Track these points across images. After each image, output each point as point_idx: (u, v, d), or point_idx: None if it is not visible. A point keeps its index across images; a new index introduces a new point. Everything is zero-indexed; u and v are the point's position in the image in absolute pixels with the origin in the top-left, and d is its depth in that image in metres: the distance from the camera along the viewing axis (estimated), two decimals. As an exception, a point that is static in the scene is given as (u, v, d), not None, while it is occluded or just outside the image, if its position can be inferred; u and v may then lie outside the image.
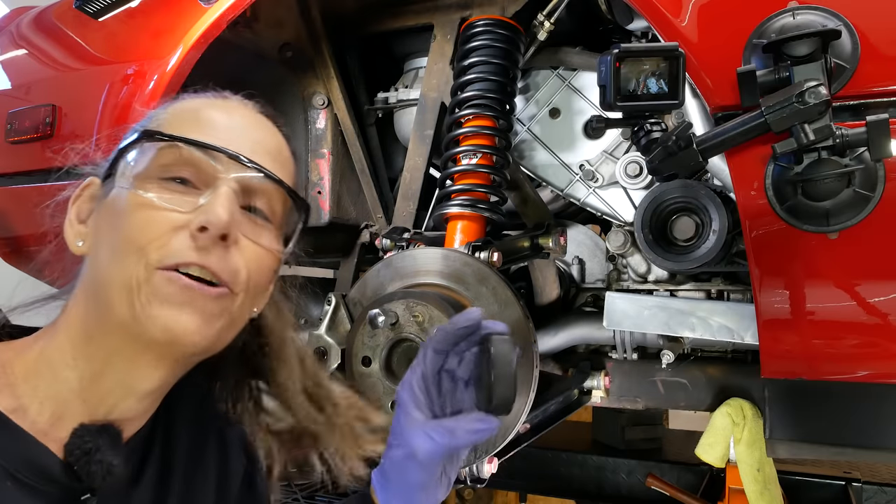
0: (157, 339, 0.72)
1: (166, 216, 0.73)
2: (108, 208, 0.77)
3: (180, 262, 0.72)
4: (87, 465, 0.71)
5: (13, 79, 1.84)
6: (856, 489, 2.20)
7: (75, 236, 0.80)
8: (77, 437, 0.72)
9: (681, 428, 3.00)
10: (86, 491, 0.73)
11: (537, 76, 1.63)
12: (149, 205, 0.73)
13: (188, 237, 0.72)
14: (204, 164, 0.76)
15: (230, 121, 0.80)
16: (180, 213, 0.73)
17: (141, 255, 0.72)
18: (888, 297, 1.13)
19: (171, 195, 0.74)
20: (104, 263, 0.75)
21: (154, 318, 0.71)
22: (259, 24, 1.58)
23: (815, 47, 1.00)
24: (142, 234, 0.72)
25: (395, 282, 1.25)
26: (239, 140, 0.78)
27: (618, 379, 1.62)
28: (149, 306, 0.71)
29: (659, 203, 1.31)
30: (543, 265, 1.64)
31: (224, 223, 0.73)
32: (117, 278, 0.72)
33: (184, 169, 0.76)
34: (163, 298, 0.72)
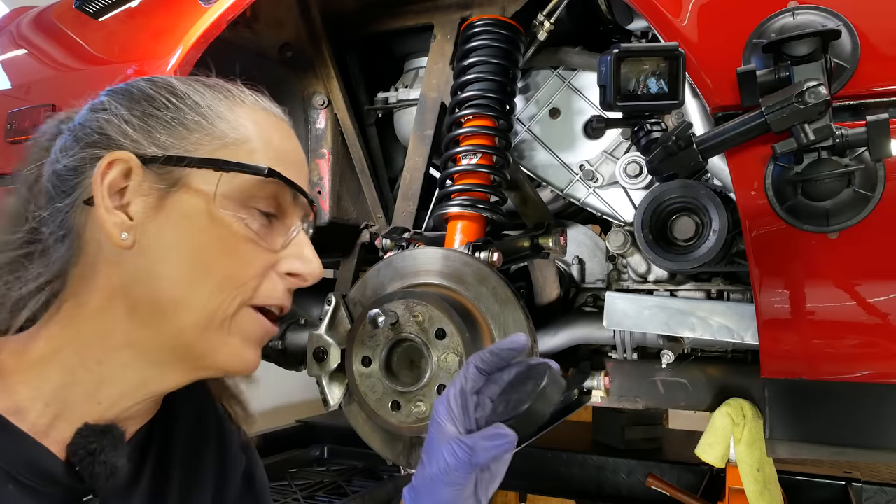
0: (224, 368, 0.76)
1: (263, 255, 0.75)
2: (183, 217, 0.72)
3: (274, 304, 0.76)
4: (91, 465, 0.70)
5: (13, 79, 1.84)
6: (856, 489, 2.20)
7: (117, 226, 0.71)
8: (81, 437, 0.71)
9: (681, 428, 3.00)
10: (88, 492, 0.72)
11: (537, 76, 1.63)
12: (250, 239, 0.74)
13: (280, 279, 0.76)
14: (288, 205, 0.78)
15: (297, 156, 0.82)
16: (271, 251, 0.76)
17: (238, 291, 0.73)
18: (888, 297, 1.13)
19: (263, 230, 0.76)
20: (175, 280, 0.71)
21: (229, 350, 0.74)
22: (259, 24, 1.58)
23: (815, 47, 1.01)
24: (243, 271, 0.74)
25: (395, 282, 1.25)
26: (303, 176, 0.82)
27: (618, 379, 1.62)
28: (229, 338, 0.74)
29: (659, 203, 1.31)
30: (543, 265, 1.64)
31: (319, 276, 0.78)
32: (204, 304, 0.72)
33: (272, 203, 0.77)
34: (245, 336, 0.75)
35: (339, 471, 2.67)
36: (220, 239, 0.72)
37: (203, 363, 0.75)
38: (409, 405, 1.12)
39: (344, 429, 2.76)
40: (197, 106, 0.75)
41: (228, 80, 0.82)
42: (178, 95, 0.76)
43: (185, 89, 0.77)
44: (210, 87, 0.79)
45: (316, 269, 0.78)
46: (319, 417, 3.14)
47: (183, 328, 0.72)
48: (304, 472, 2.66)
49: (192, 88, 0.77)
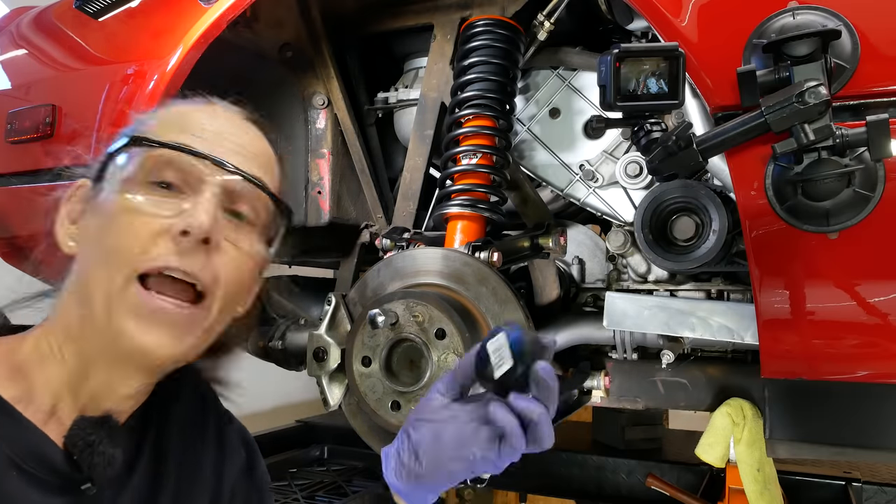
0: (129, 353, 0.75)
1: (150, 221, 0.74)
2: (95, 211, 0.79)
3: (162, 266, 0.74)
4: (90, 456, 0.73)
5: (13, 79, 1.84)
6: (856, 489, 2.20)
7: (66, 236, 0.81)
8: (79, 428, 0.74)
9: (681, 428, 3.00)
10: (85, 480, 0.75)
11: (537, 76, 1.63)
12: (133, 209, 0.75)
13: (170, 241, 0.74)
14: (188, 168, 0.77)
15: (215, 126, 0.81)
16: (164, 217, 0.75)
17: (124, 260, 0.73)
18: (888, 297, 1.13)
19: (156, 199, 0.76)
20: (89, 265, 0.76)
21: (130, 333, 0.74)
22: (259, 24, 1.58)
23: (815, 47, 1.00)
24: (126, 239, 0.74)
25: (395, 282, 1.25)
26: (223, 145, 0.80)
27: (618, 379, 1.61)
28: (126, 319, 0.73)
29: (659, 203, 1.31)
30: (543, 265, 1.64)
31: (206, 227, 0.74)
32: (99, 282, 0.74)
33: (169, 174, 0.77)
34: (137, 314, 0.74)
35: (339, 471, 2.67)
36: (108, 215, 0.76)
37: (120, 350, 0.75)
38: (409, 405, 1.12)
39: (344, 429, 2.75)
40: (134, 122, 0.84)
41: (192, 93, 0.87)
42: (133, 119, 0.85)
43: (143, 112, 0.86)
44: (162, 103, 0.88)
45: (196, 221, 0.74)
46: (319, 417, 3.14)
47: (94, 309, 0.74)
48: (304, 472, 2.66)
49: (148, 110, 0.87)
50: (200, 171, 0.78)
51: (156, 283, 0.74)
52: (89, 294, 0.75)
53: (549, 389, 0.77)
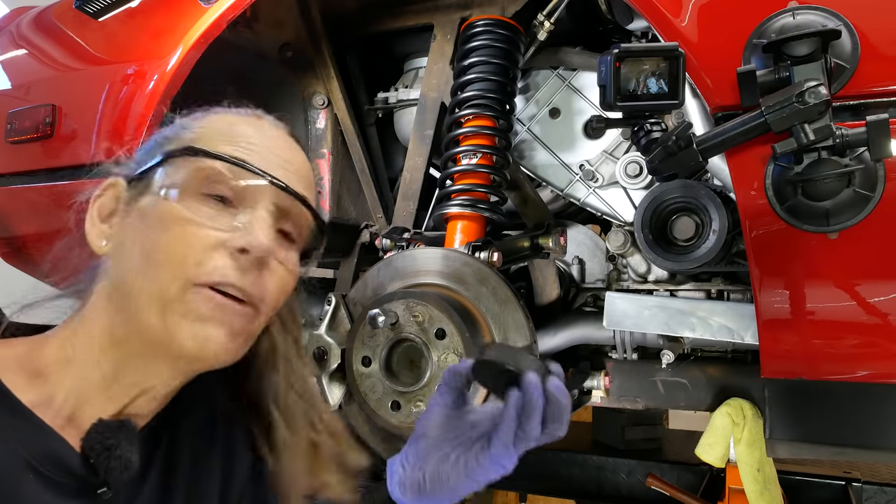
0: (187, 353, 0.75)
1: (206, 233, 0.75)
2: (140, 215, 0.78)
3: (220, 280, 0.74)
4: (107, 460, 0.73)
5: (13, 79, 1.84)
6: (856, 489, 2.20)
7: (98, 236, 0.79)
8: (97, 432, 0.74)
9: (681, 428, 2.99)
10: (102, 484, 0.75)
11: (537, 76, 1.63)
12: (189, 220, 0.75)
13: (228, 256, 0.75)
14: (243, 185, 0.78)
15: (265, 142, 0.82)
16: (220, 231, 0.75)
17: (178, 269, 0.73)
18: (888, 297, 1.13)
19: (210, 212, 0.76)
20: (133, 271, 0.75)
21: (185, 333, 0.74)
22: (259, 24, 1.58)
23: (815, 47, 1.00)
24: (180, 249, 0.74)
25: (395, 282, 1.25)
26: (276, 163, 0.81)
27: (618, 379, 1.62)
28: (182, 321, 0.73)
29: (659, 203, 1.31)
30: (543, 265, 1.64)
31: (266, 249, 0.76)
32: (149, 288, 0.74)
33: (223, 187, 0.77)
34: (196, 315, 0.74)
35: (338, 471, 2.66)
36: (162, 223, 0.76)
37: (174, 351, 0.75)
38: (409, 405, 1.12)
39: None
40: (175, 125, 0.82)
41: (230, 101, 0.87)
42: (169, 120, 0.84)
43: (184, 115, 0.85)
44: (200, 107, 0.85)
45: (258, 241, 0.75)
46: (319, 417, 3.13)
47: (142, 314, 0.74)
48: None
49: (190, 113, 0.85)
50: (255, 189, 0.78)
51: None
52: (136, 298, 0.74)
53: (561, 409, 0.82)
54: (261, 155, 0.80)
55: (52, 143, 1.63)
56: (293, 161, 0.84)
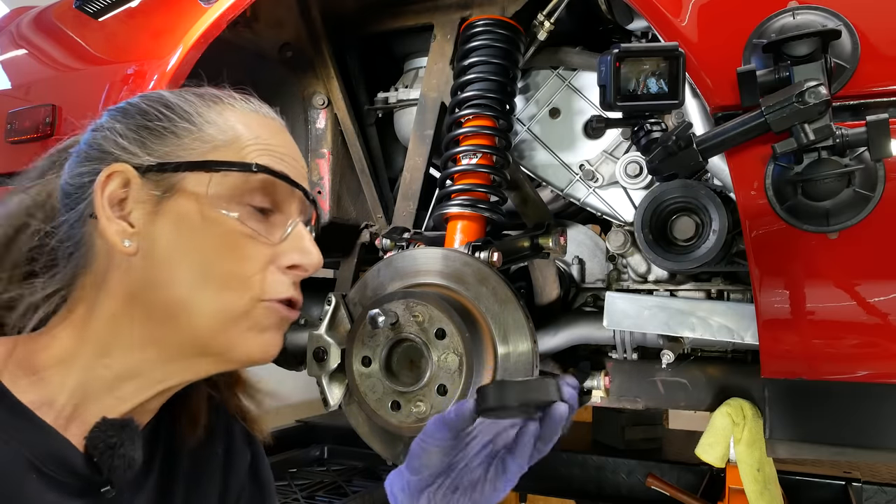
0: (253, 361, 0.79)
1: (261, 250, 0.77)
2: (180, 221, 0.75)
3: (284, 298, 0.78)
4: (111, 458, 0.73)
5: (13, 79, 1.84)
6: (856, 489, 2.20)
7: (119, 233, 0.74)
8: (100, 431, 0.74)
9: (681, 428, 3.00)
10: (105, 483, 0.75)
11: (537, 76, 1.63)
12: (248, 235, 0.76)
13: (281, 272, 0.78)
14: (284, 198, 0.80)
15: (290, 150, 0.84)
16: (269, 245, 0.77)
17: (245, 287, 0.75)
18: (888, 297, 1.13)
19: (261, 226, 0.78)
20: (186, 284, 0.74)
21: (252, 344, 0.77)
22: (259, 24, 1.58)
23: (815, 47, 1.00)
24: (244, 267, 0.75)
25: (395, 282, 1.25)
26: (299, 170, 0.83)
27: (618, 379, 1.62)
28: (248, 333, 0.76)
29: (659, 203, 1.31)
30: (543, 265, 1.64)
31: (317, 266, 0.79)
32: (213, 305, 0.74)
33: (267, 198, 0.79)
34: (262, 327, 0.77)
35: (339, 471, 2.67)
36: (218, 237, 0.75)
37: (226, 357, 0.78)
38: (409, 405, 1.12)
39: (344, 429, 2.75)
40: (187, 114, 0.79)
41: (218, 87, 0.86)
42: (169, 107, 0.80)
43: (176, 100, 0.81)
44: (200, 95, 0.83)
45: (315, 259, 0.79)
46: (319, 417, 3.14)
47: (198, 328, 0.75)
48: (304, 472, 2.66)
49: (182, 98, 0.81)
50: (292, 203, 0.81)
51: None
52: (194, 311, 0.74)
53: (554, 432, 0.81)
54: (293, 166, 0.82)
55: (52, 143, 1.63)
56: (301, 162, 0.86)
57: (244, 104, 0.84)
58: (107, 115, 0.83)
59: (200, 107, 0.80)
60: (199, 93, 0.83)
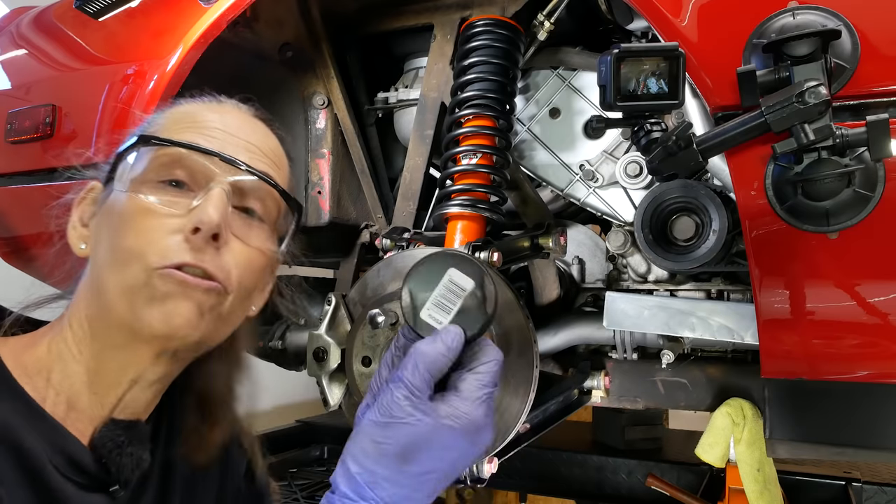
0: (156, 333, 0.75)
1: (162, 221, 0.75)
2: (107, 211, 0.79)
3: (176, 262, 0.75)
4: (119, 457, 0.75)
5: (13, 79, 1.84)
6: (856, 489, 2.20)
7: (78, 239, 0.82)
8: (108, 430, 0.76)
9: (681, 428, 3.00)
10: (113, 482, 0.76)
11: (537, 76, 1.63)
12: (146, 209, 0.76)
13: (182, 239, 0.75)
14: (198, 166, 0.78)
15: (224, 124, 0.82)
16: (176, 216, 0.76)
17: (140, 260, 0.74)
18: (888, 297, 1.13)
19: (167, 198, 0.77)
20: (104, 266, 0.77)
21: (153, 314, 0.74)
22: (259, 24, 1.57)
23: (815, 47, 1.00)
24: (140, 239, 0.75)
25: (395, 282, 1.25)
26: (233, 143, 0.81)
27: (618, 379, 1.62)
28: (149, 303, 0.74)
29: (659, 203, 1.31)
30: (543, 265, 1.64)
31: (215, 223, 0.75)
32: (117, 282, 0.75)
33: (179, 172, 0.78)
34: (161, 296, 0.74)
35: (339, 471, 2.66)
36: (121, 216, 0.77)
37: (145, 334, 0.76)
38: (409, 405, 1.12)
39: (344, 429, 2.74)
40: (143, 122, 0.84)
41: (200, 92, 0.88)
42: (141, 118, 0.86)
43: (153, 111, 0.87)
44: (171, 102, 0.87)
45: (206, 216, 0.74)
46: (319, 417, 3.14)
47: (111, 306, 0.76)
48: (304, 472, 2.66)
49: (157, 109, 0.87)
50: (210, 169, 0.78)
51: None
52: (107, 292, 0.76)
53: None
54: (219, 138, 0.80)
55: (52, 143, 1.63)
56: (256, 141, 0.84)
57: (203, 97, 0.86)
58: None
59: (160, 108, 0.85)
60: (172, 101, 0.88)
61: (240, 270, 0.79)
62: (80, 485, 0.74)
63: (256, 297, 0.87)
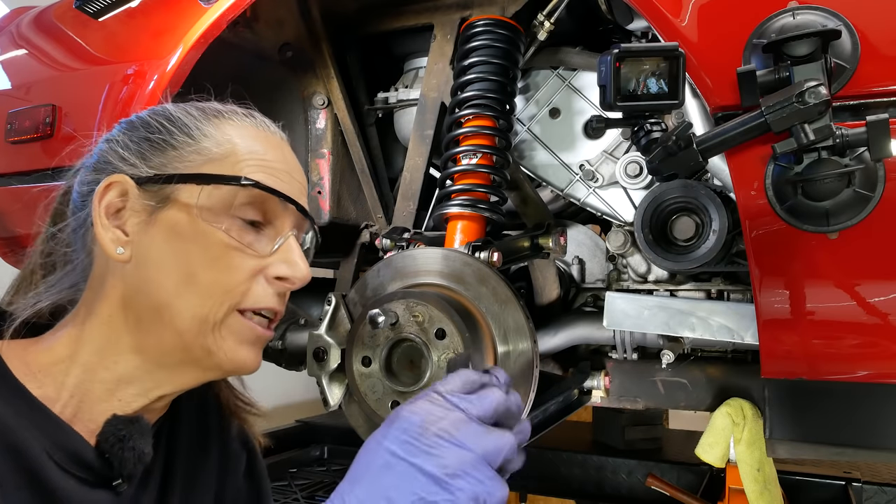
0: (226, 369, 0.80)
1: (248, 261, 0.78)
2: (171, 231, 0.78)
3: (265, 307, 0.80)
4: (121, 451, 0.75)
5: (13, 79, 1.84)
6: (856, 489, 2.20)
7: (113, 242, 0.78)
8: (111, 426, 0.76)
9: (681, 428, 3.00)
10: (116, 477, 0.76)
11: (537, 76, 1.63)
12: (233, 246, 0.78)
13: (266, 283, 0.79)
14: (273, 209, 0.81)
15: (286, 164, 0.85)
16: (259, 257, 0.79)
17: (225, 297, 0.77)
18: (888, 297, 1.13)
19: (249, 237, 0.79)
20: (172, 291, 0.77)
21: (228, 354, 0.78)
22: (259, 24, 1.58)
23: (815, 47, 1.00)
24: (226, 277, 0.77)
25: (395, 282, 1.25)
26: (296, 187, 0.85)
27: (618, 379, 1.62)
28: (224, 342, 0.78)
29: (659, 203, 1.31)
30: (543, 265, 1.64)
31: (305, 279, 0.81)
32: (194, 311, 0.76)
33: (257, 212, 0.80)
34: (239, 339, 0.78)
35: (339, 471, 2.67)
36: (204, 247, 0.77)
37: (204, 364, 0.79)
38: (409, 405, 1.12)
39: (344, 429, 2.76)
40: (187, 127, 0.81)
41: (222, 102, 0.88)
42: (171, 120, 0.82)
43: (178, 114, 0.83)
44: (202, 109, 0.85)
45: (301, 272, 0.81)
46: (319, 417, 3.14)
47: (179, 333, 0.76)
48: (304, 472, 2.66)
49: (184, 112, 0.83)
50: (284, 215, 0.82)
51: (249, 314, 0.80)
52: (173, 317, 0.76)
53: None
54: (287, 181, 0.83)
55: (52, 143, 1.63)
56: (301, 179, 0.88)
57: (244, 119, 0.85)
58: (117, 128, 0.86)
59: (200, 120, 0.82)
60: (200, 106, 0.85)
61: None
62: (83, 480, 0.74)
63: None
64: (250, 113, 0.87)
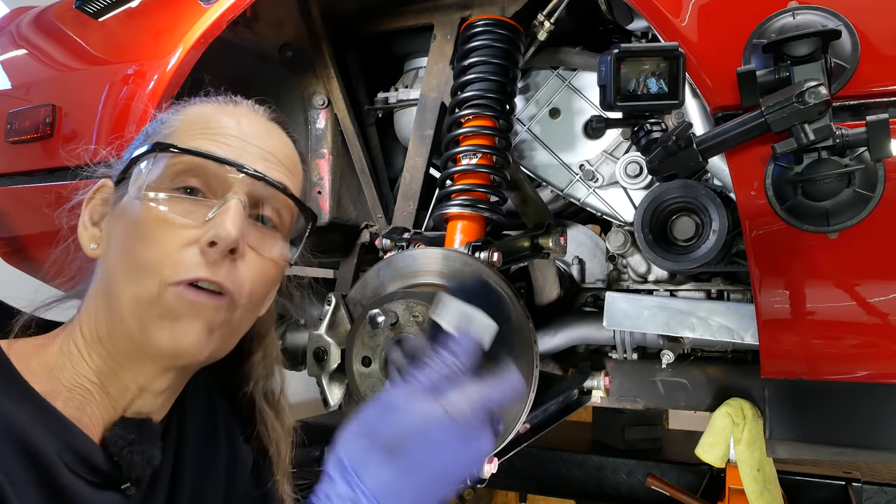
0: (164, 352, 0.75)
1: (177, 232, 0.74)
2: (120, 215, 0.79)
3: (192, 277, 0.74)
4: (130, 455, 0.75)
5: (13, 79, 1.84)
6: (856, 489, 2.20)
7: (89, 239, 0.81)
8: (119, 429, 0.76)
9: (681, 428, 3.00)
10: (124, 480, 0.76)
11: (537, 76, 1.63)
12: (160, 218, 0.75)
13: (198, 252, 0.74)
14: (214, 175, 0.77)
15: (240, 129, 0.81)
16: (191, 227, 0.75)
17: (154, 273, 0.73)
18: (888, 297, 1.13)
19: (182, 207, 0.76)
20: (116, 274, 0.76)
21: (162, 333, 0.74)
22: (259, 24, 1.58)
23: (815, 47, 1.00)
24: (154, 251, 0.74)
25: (395, 282, 1.25)
26: (249, 149, 0.80)
27: (618, 379, 1.62)
28: (158, 321, 0.74)
29: (659, 203, 1.31)
30: (543, 265, 1.64)
31: (233, 239, 0.74)
32: (129, 292, 0.74)
33: (194, 180, 0.77)
34: (173, 315, 0.74)
35: (339, 471, 2.66)
36: (136, 225, 0.76)
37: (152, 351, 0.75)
38: (409, 405, 1.12)
39: (344, 429, 2.74)
40: (157, 121, 0.83)
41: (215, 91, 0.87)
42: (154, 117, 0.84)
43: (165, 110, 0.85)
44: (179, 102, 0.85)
45: (224, 232, 0.73)
46: (319, 417, 3.13)
47: (123, 316, 0.75)
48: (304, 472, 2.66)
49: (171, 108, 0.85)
50: (226, 178, 0.77)
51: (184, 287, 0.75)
52: (118, 301, 0.75)
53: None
54: (235, 144, 0.79)
55: (52, 143, 1.63)
56: (271, 148, 0.83)
57: (216, 99, 0.84)
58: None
59: (168, 112, 0.83)
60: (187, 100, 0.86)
61: (253, 282, 0.79)
62: (93, 483, 0.73)
63: (266, 301, 0.87)
64: (231, 98, 0.86)
